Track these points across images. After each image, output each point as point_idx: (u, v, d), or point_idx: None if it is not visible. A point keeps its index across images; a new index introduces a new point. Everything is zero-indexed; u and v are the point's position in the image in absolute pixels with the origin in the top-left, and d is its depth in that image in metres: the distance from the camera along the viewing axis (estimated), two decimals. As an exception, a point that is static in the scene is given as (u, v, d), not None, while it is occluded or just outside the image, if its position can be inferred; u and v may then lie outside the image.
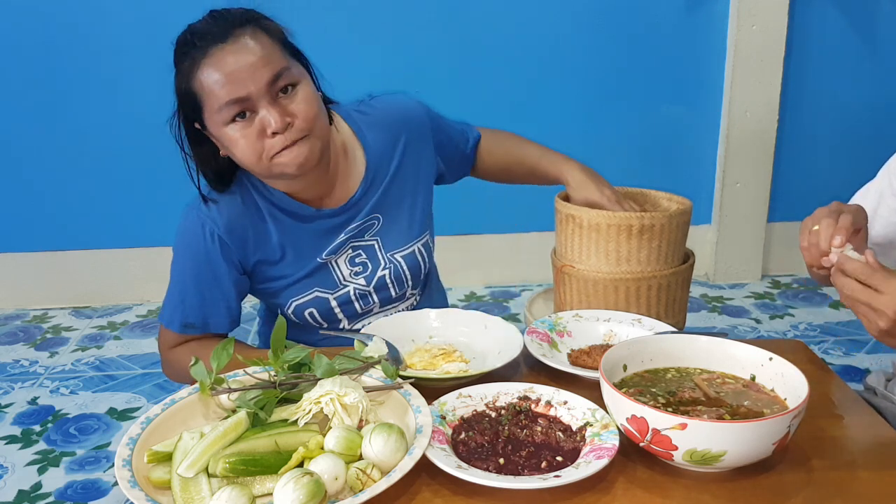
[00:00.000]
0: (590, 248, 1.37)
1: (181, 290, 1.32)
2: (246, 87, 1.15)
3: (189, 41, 1.19)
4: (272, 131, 1.17)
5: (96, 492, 1.92)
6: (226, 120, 1.18)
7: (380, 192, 1.38)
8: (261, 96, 1.16)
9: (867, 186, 1.31)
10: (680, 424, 0.83)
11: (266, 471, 0.87)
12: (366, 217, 1.37)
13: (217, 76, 1.16)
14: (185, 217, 1.30)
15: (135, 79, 2.76)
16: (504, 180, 1.61)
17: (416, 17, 2.77)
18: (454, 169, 1.55)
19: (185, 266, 1.31)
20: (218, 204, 1.29)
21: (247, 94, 1.16)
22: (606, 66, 2.88)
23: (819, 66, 2.91)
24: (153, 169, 2.88)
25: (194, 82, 1.18)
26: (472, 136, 1.56)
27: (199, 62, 1.17)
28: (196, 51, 1.18)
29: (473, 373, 1.08)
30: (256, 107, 1.17)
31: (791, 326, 2.73)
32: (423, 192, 1.45)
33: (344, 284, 1.38)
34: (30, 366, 2.58)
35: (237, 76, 1.15)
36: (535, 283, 3.10)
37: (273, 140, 1.18)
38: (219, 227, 1.28)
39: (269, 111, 1.17)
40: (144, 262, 2.99)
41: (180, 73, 1.20)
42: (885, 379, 1.32)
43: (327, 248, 1.35)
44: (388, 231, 1.40)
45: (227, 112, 1.17)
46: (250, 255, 1.32)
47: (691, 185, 2.93)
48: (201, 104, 1.19)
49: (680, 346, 1.03)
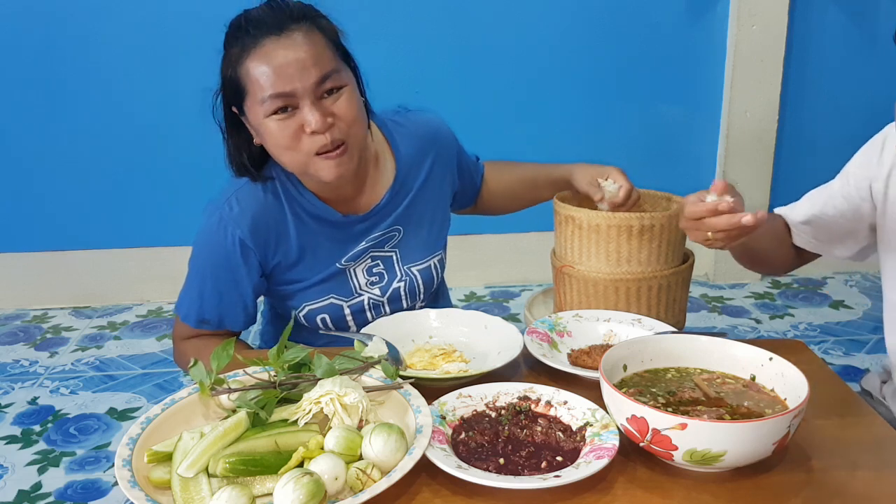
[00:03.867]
0: (589, 248, 1.37)
1: (199, 287, 1.32)
2: (292, 83, 1.16)
3: (242, 27, 1.19)
4: (311, 130, 1.18)
5: (96, 492, 1.92)
6: (267, 112, 1.18)
7: (405, 203, 1.39)
8: (305, 94, 1.17)
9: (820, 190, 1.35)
10: (680, 424, 0.83)
11: (266, 471, 0.87)
12: (388, 227, 1.37)
13: (265, 68, 1.16)
14: (209, 216, 1.30)
15: (135, 79, 2.77)
16: (509, 206, 1.63)
17: (417, 17, 2.78)
18: (463, 196, 1.57)
19: (204, 265, 1.32)
20: (242, 204, 1.28)
21: (292, 91, 1.16)
22: (607, 66, 2.88)
23: (819, 66, 2.91)
24: (153, 169, 2.88)
25: (241, 69, 1.19)
26: (480, 167, 1.59)
27: (250, 51, 1.17)
28: (248, 38, 1.18)
29: (473, 373, 1.08)
30: (299, 104, 1.18)
31: (791, 326, 2.73)
32: (443, 210, 1.47)
33: (359, 293, 1.38)
34: (30, 366, 2.58)
35: (285, 71, 1.16)
36: (535, 283, 3.10)
37: (312, 138, 1.19)
38: (241, 230, 1.27)
39: (311, 110, 1.17)
40: (144, 262, 2.99)
41: (228, 58, 1.21)
42: (879, 381, 1.32)
43: (347, 255, 1.35)
44: (407, 244, 1.41)
45: (270, 104, 1.17)
46: (270, 257, 1.32)
47: (691, 185, 2.91)
48: (245, 92, 1.20)
49: (680, 346, 1.03)
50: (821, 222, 1.32)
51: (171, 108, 2.76)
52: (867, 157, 1.26)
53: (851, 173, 1.28)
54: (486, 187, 1.60)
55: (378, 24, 2.74)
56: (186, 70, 2.71)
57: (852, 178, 1.27)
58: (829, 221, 1.31)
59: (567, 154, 1.57)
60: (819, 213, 1.31)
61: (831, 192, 1.31)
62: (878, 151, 1.24)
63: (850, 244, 1.33)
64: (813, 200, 1.34)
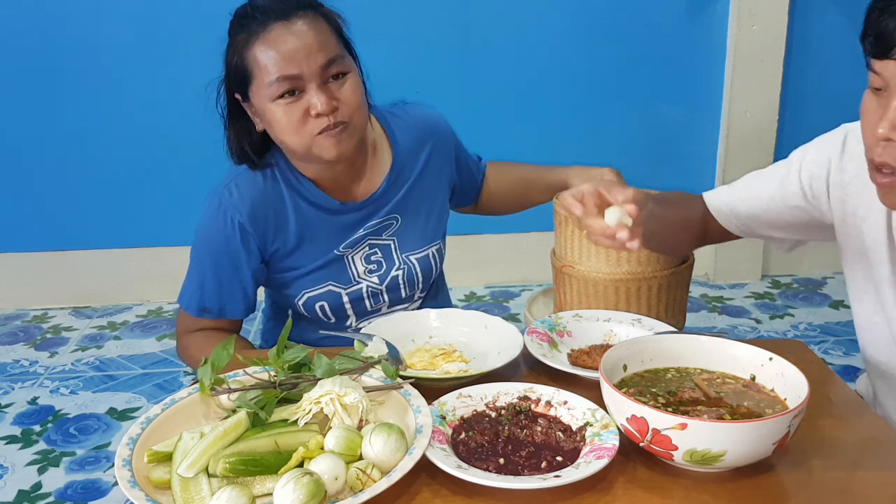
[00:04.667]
0: (589, 248, 1.37)
1: (200, 275, 1.34)
2: (299, 66, 1.19)
3: (249, 14, 1.22)
4: (317, 112, 1.21)
5: (96, 492, 1.92)
6: (273, 95, 1.21)
7: (402, 192, 1.40)
8: (312, 78, 1.20)
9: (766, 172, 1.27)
10: (680, 424, 0.83)
11: (266, 471, 0.87)
12: (386, 215, 1.39)
13: (273, 52, 1.19)
14: (208, 203, 1.32)
15: (135, 79, 2.76)
16: (507, 207, 1.65)
17: (417, 17, 2.77)
18: (463, 193, 1.58)
19: (204, 252, 1.34)
20: (241, 190, 1.31)
21: (299, 73, 1.20)
22: (607, 66, 2.88)
23: (819, 66, 2.91)
24: (153, 169, 2.88)
25: (248, 54, 1.21)
26: (482, 166, 1.61)
27: (258, 35, 1.21)
28: (255, 24, 1.21)
29: (473, 373, 1.08)
30: (306, 87, 1.21)
31: (791, 326, 2.73)
32: (441, 201, 1.48)
33: (357, 281, 1.39)
34: (30, 366, 2.58)
35: (293, 55, 1.19)
36: (535, 283, 3.10)
37: (317, 121, 1.22)
38: (241, 214, 1.30)
39: (317, 93, 1.21)
40: (144, 262, 2.99)
41: (234, 44, 1.24)
42: (871, 390, 1.30)
43: (345, 242, 1.37)
44: (405, 232, 1.42)
45: (277, 87, 1.20)
46: (269, 243, 1.34)
47: (691, 185, 2.91)
48: (251, 76, 1.23)
49: (680, 346, 1.03)
50: (761, 212, 1.23)
51: (170, 108, 2.76)
52: (825, 154, 1.17)
53: (805, 168, 1.19)
54: (486, 187, 1.61)
55: (378, 24, 2.74)
56: (186, 70, 2.71)
57: (805, 172, 1.19)
58: (771, 213, 1.22)
59: (567, 154, 1.58)
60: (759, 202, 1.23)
61: (777, 182, 1.22)
62: (839, 153, 1.15)
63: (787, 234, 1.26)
64: (752, 188, 1.25)
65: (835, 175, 1.16)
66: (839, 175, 1.15)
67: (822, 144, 1.19)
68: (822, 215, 1.20)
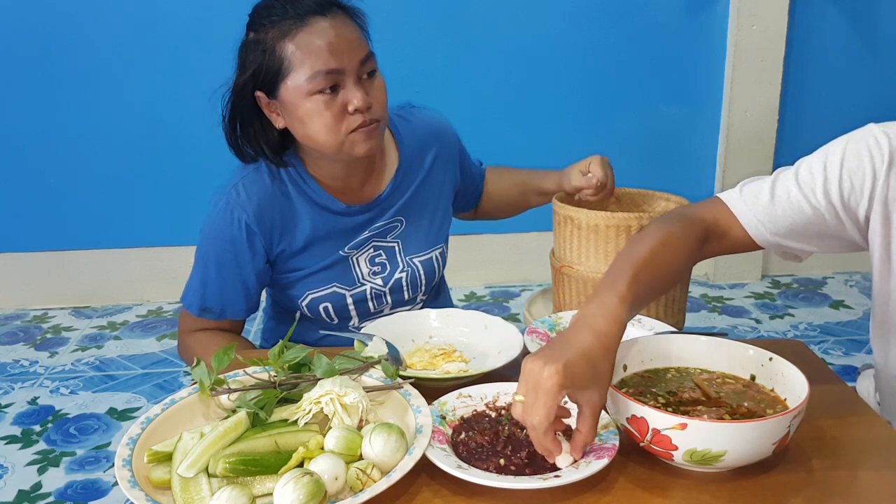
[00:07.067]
0: (588, 248, 1.37)
1: (203, 274, 1.34)
2: (342, 60, 1.19)
3: (277, 8, 1.20)
4: (354, 108, 1.20)
5: (96, 492, 1.92)
6: (313, 90, 1.19)
7: (408, 194, 1.41)
8: (351, 73, 1.20)
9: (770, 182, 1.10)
10: (680, 424, 0.83)
11: (266, 471, 0.87)
12: (391, 218, 1.39)
13: (320, 43, 1.18)
14: (214, 203, 1.32)
15: (136, 79, 2.77)
16: (503, 211, 1.66)
17: (417, 17, 2.78)
18: (465, 197, 1.59)
19: (209, 251, 1.33)
20: (248, 190, 1.30)
21: (342, 67, 1.19)
22: (607, 66, 2.88)
23: (819, 66, 2.91)
24: (153, 169, 2.88)
25: (285, 47, 1.19)
26: (482, 171, 1.62)
27: (297, 28, 1.18)
28: (290, 17, 1.19)
29: (473, 373, 1.08)
30: (344, 83, 1.20)
31: (791, 326, 2.73)
32: (444, 204, 1.49)
33: (362, 283, 1.39)
34: (30, 366, 2.58)
35: (337, 47, 1.18)
36: (535, 283, 3.10)
37: (353, 117, 1.21)
38: (247, 214, 1.29)
39: (355, 89, 1.20)
40: (144, 262, 2.99)
41: (262, 39, 1.20)
42: (873, 391, 1.29)
43: (350, 243, 1.37)
44: (409, 235, 1.42)
45: (319, 82, 1.19)
46: (275, 244, 1.33)
47: (691, 185, 2.93)
48: (285, 71, 1.20)
49: (680, 346, 1.03)
50: (801, 227, 1.08)
51: (172, 108, 2.76)
52: (862, 164, 1.02)
53: (844, 178, 1.03)
54: (486, 191, 1.62)
55: (378, 23, 2.73)
56: (189, 70, 2.72)
57: (845, 182, 1.03)
58: (812, 226, 1.07)
59: (567, 153, 1.57)
60: (801, 216, 1.06)
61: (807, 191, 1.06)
62: (885, 167, 1.01)
63: (823, 244, 1.11)
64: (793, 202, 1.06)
65: (881, 191, 1.02)
66: (885, 192, 1.02)
67: (859, 151, 1.03)
68: (844, 230, 1.07)
